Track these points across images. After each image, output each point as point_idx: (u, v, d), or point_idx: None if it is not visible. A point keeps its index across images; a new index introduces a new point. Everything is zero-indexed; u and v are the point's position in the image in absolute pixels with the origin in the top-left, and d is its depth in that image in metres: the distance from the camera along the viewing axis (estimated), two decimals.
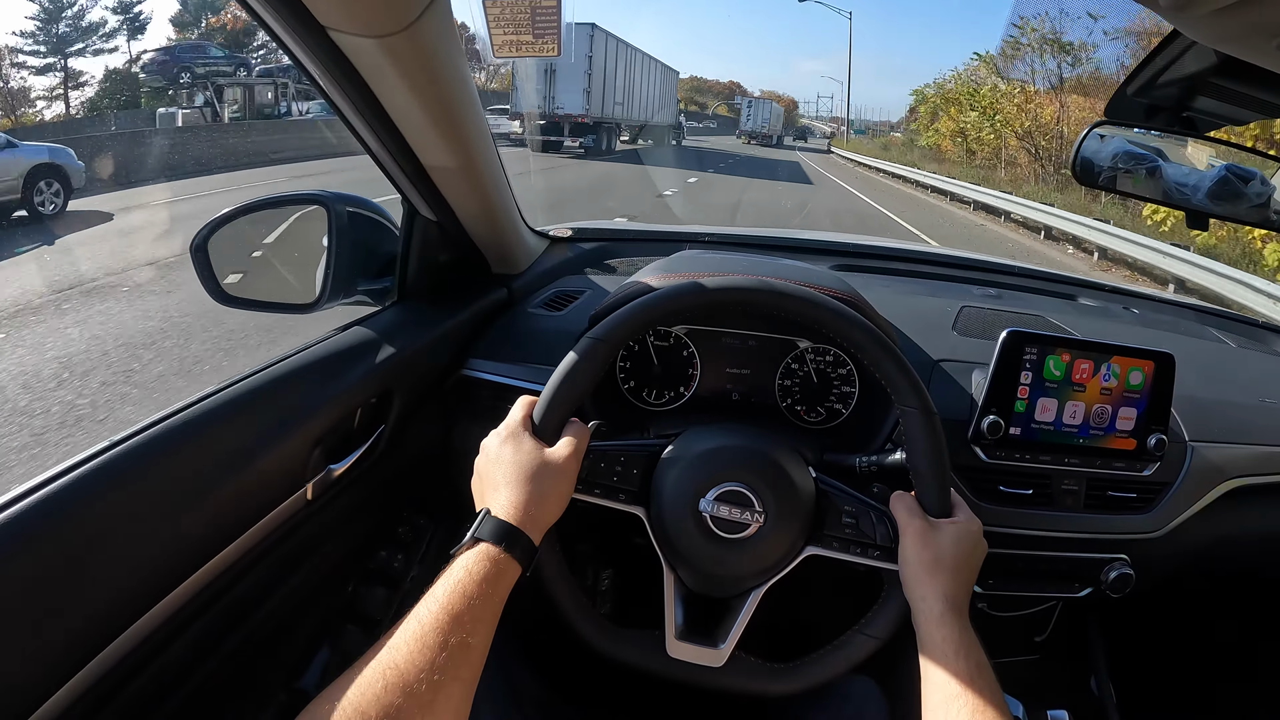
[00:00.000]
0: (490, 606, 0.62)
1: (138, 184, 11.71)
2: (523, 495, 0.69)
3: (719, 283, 0.79)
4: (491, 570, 0.63)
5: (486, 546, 0.65)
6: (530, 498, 0.69)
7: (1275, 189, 1.05)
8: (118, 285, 5.63)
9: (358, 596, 1.04)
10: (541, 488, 0.70)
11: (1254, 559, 1.10)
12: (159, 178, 12.31)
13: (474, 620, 0.59)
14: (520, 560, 0.66)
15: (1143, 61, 0.90)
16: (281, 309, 1.03)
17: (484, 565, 0.63)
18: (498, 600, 0.63)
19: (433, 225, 1.01)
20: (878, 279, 1.36)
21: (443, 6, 0.74)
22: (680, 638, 0.75)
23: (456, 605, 0.59)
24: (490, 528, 0.66)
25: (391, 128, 0.85)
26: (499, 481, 0.71)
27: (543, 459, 0.72)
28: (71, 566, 0.59)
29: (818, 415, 1.04)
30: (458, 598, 0.60)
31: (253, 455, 0.75)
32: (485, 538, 0.65)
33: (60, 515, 0.59)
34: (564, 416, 0.76)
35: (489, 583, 0.62)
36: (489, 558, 0.64)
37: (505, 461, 0.72)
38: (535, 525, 0.68)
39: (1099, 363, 0.97)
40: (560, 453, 0.73)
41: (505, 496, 0.69)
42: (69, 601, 0.58)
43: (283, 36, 0.72)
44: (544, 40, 0.83)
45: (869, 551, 0.76)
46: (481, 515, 0.68)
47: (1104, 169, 1.07)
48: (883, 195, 17.09)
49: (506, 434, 0.74)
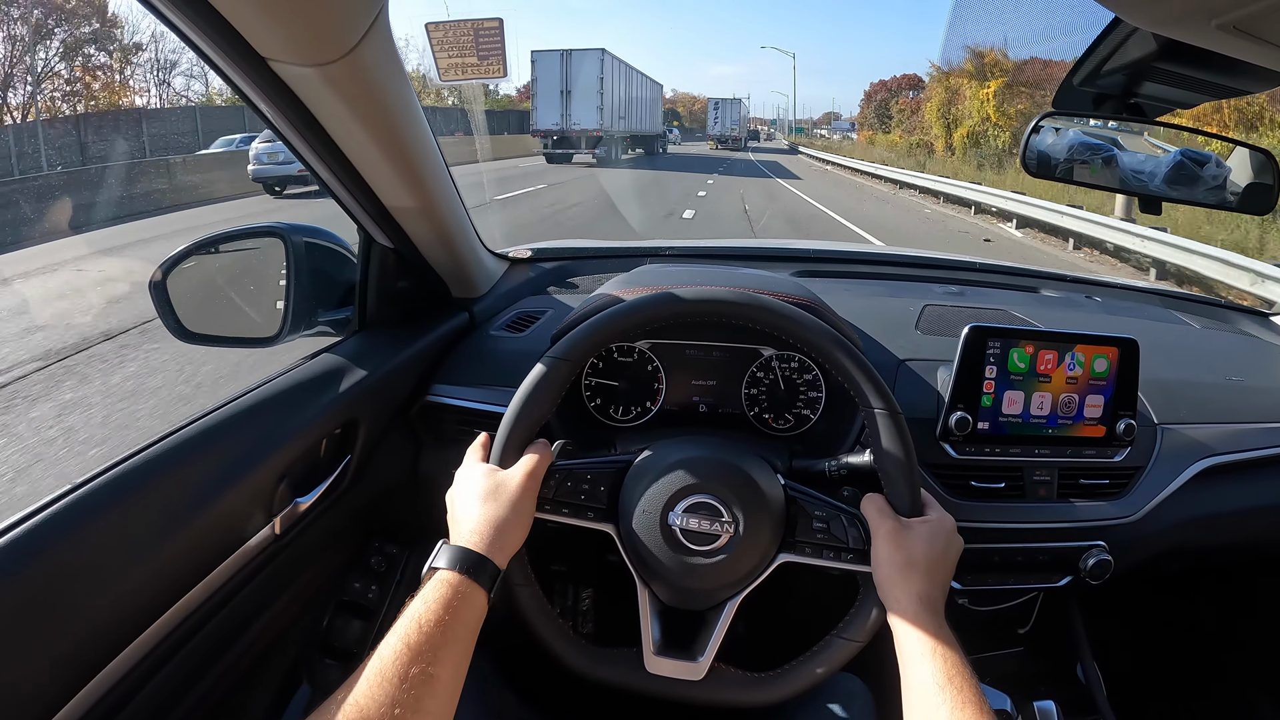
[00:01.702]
0: (453, 635, 0.61)
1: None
2: (479, 520, 0.69)
3: (669, 296, 0.79)
4: (451, 597, 0.63)
5: (445, 574, 0.64)
6: (487, 523, 0.69)
7: (1230, 170, 1.06)
8: None
9: (333, 629, 1.03)
10: (498, 511, 0.70)
11: (1231, 536, 1.10)
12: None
13: (434, 650, 0.59)
14: (484, 585, 0.65)
15: (1086, 51, 0.91)
16: (243, 343, 1.02)
17: (442, 594, 0.63)
18: (462, 628, 0.62)
19: (390, 253, 1.01)
20: (840, 283, 1.37)
21: (381, 33, 0.73)
22: (658, 653, 0.75)
23: (413, 636, 0.59)
24: (447, 556, 0.66)
25: (340, 156, 0.84)
26: (458, 511, 0.71)
27: (497, 482, 0.72)
28: (34, 616, 0.57)
29: (786, 422, 1.04)
30: (414, 629, 0.59)
31: (217, 492, 0.75)
32: (442, 566, 0.65)
33: (18, 565, 0.58)
34: (524, 439, 0.75)
35: (449, 610, 0.62)
36: (448, 585, 0.63)
37: (463, 490, 0.72)
38: (497, 550, 0.68)
39: (1063, 352, 0.97)
40: (516, 475, 0.73)
41: (464, 524, 0.69)
42: (33, 651, 0.57)
43: (225, 70, 0.72)
44: (489, 62, 0.83)
45: (842, 555, 0.75)
46: (439, 546, 0.68)
47: (1060, 161, 1.08)
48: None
49: (466, 463, 0.75)
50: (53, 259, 7.49)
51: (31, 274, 6.89)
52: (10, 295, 6.08)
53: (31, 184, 12.39)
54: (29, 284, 6.50)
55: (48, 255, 7.84)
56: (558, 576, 1.26)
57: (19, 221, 9.74)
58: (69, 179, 12.37)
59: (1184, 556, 1.11)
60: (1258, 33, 0.58)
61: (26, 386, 3.75)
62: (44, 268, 7.07)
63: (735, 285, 0.87)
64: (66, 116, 20.49)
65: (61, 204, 10.61)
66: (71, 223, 10.29)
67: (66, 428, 3.23)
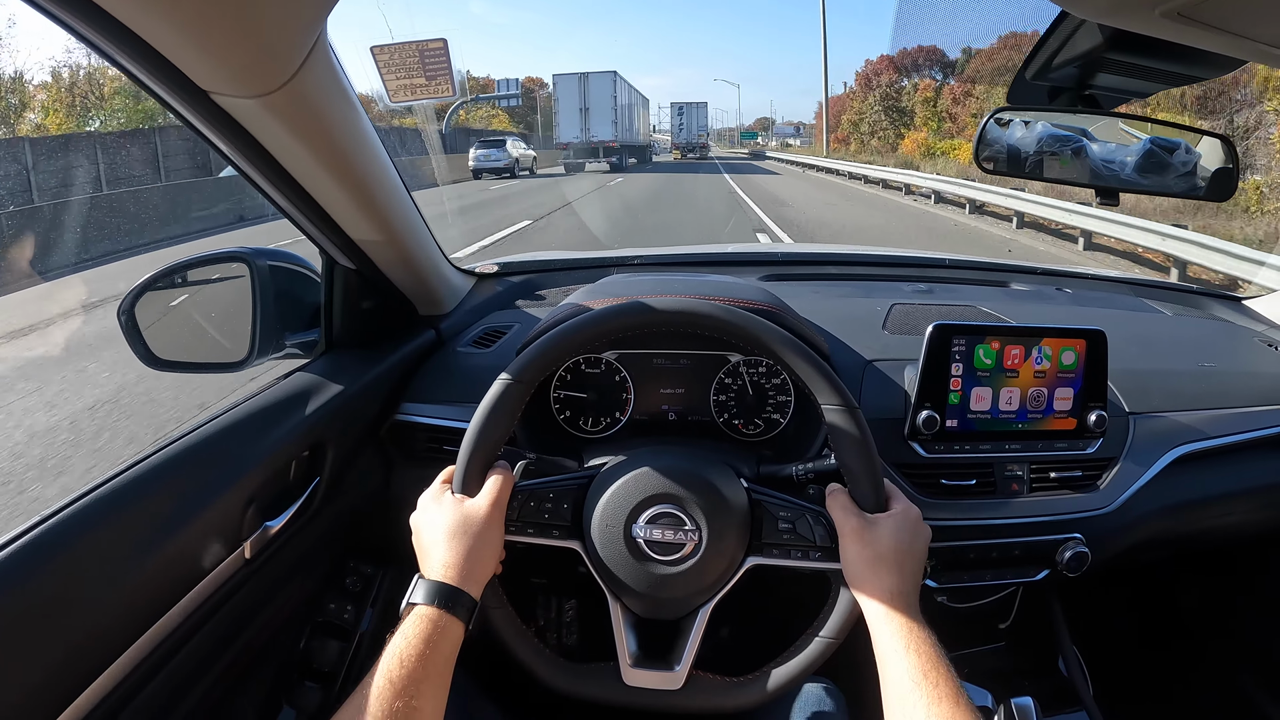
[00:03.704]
0: (433, 667, 0.63)
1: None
2: (451, 554, 0.70)
3: (609, 310, 0.79)
4: (430, 631, 0.64)
5: (422, 609, 0.66)
6: (459, 555, 0.70)
7: (1200, 156, 1.05)
8: None
9: (310, 651, 1.03)
10: (469, 543, 0.71)
11: (1208, 523, 1.09)
12: None
13: (415, 683, 0.61)
14: (461, 617, 0.67)
15: (1037, 45, 0.91)
16: (211, 369, 1.02)
17: (421, 628, 0.65)
18: (441, 660, 0.64)
19: (352, 274, 1.01)
20: (807, 286, 1.36)
21: (320, 58, 0.73)
22: (635, 665, 0.75)
23: (394, 671, 0.61)
24: (423, 591, 0.67)
25: (293, 183, 0.84)
26: (428, 544, 0.72)
27: (464, 514, 0.73)
28: (5, 646, 0.58)
29: (756, 427, 1.04)
30: (395, 664, 0.62)
31: (185, 519, 0.75)
32: (419, 601, 0.67)
33: None
34: (484, 464, 0.76)
35: (429, 644, 0.64)
36: (426, 620, 0.65)
37: (431, 524, 0.73)
38: (471, 580, 0.69)
39: (1029, 346, 0.97)
40: (481, 504, 0.73)
41: (435, 558, 0.70)
42: (4, 683, 0.58)
43: (170, 102, 0.72)
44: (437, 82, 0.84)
45: (810, 554, 0.75)
46: (415, 580, 0.69)
47: (1029, 155, 1.07)
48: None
49: (430, 495, 0.76)
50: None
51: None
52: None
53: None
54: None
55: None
56: (539, 589, 1.26)
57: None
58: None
59: (1162, 545, 1.10)
60: (1201, 18, 0.57)
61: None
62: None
63: (698, 293, 0.87)
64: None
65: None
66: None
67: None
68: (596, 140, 27.74)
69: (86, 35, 0.61)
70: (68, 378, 4.23)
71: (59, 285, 8.37)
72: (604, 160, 27.41)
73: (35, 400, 3.92)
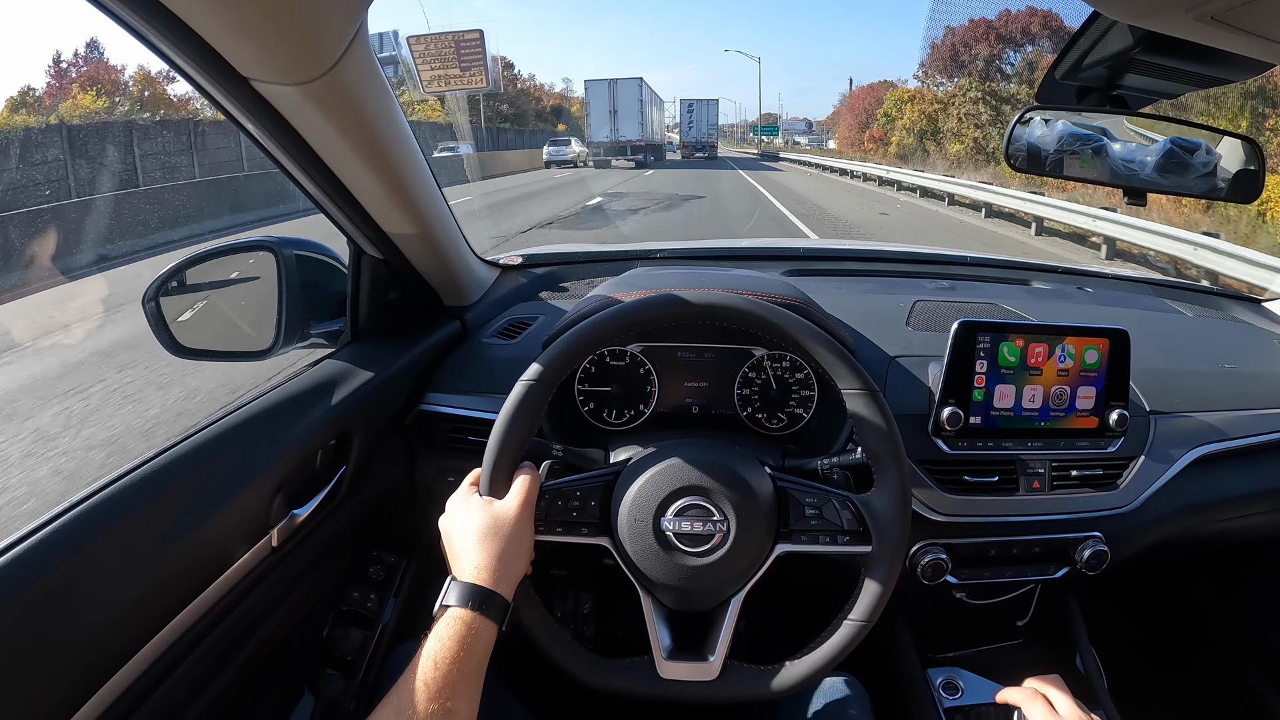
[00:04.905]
0: (468, 668, 0.64)
1: None
2: (483, 556, 0.70)
3: (630, 306, 0.80)
4: (464, 633, 0.65)
5: (456, 611, 0.66)
6: (490, 556, 0.70)
7: (1220, 157, 1.05)
8: None
9: (333, 640, 1.03)
10: (499, 544, 0.71)
11: (1227, 523, 1.10)
12: None
13: (451, 685, 0.62)
14: (494, 619, 0.67)
15: (1067, 44, 0.91)
16: (236, 357, 1.03)
17: (455, 630, 0.65)
18: (475, 662, 0.65)
19: (380, 263, 1.01)
20: (830, 281, 1.37)
21: (361, 49, 0.73)
22: (669, 658, 0.75)
23: (429, 674, 0.62)
24: (456, 593, 0.68)
25: (327, 172, 0.85)
26: (459, 546, 0.72)
27: (494, 516, 0.73)
28: (32, 634, 0.58)
29: (779, 421, 1.04)
30: (430, 667, 0.62)
31: (214, 507, 0.75)
32: (453, 603, 0.67)
33: (16, 584, 0.58)
34: (510, 465, 0.76)
35: (463, 646, 0.64)
36: (461, 622, 0.66)
37: (461, 526, 0.73)
38: (504, 582, 0.70)
39: (1053, 345, 0.97)
40: (510, 505, 0.74)
41: (467, 560, 0.71)
42: (33, 669, 0.58)
43: (209, 90, 0.72)
44: (472, 73, 0.84)
45: (838, 539, 0.76)
46: (448, 583, 0.70)
47: (1049, 154, 1.07)
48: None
49: (458, 498, 0.77)
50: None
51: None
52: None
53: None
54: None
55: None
56: (557, 581, 1.26)
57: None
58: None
59: (1180, 545, 1.11)
60: (1233, 22, 0.58)
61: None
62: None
63: (723, 286, 0.88)
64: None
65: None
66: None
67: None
68: (625, 140, 30.41)
69: (129, 21, 0.62)
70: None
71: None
72: (630, 158, 30.06)
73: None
